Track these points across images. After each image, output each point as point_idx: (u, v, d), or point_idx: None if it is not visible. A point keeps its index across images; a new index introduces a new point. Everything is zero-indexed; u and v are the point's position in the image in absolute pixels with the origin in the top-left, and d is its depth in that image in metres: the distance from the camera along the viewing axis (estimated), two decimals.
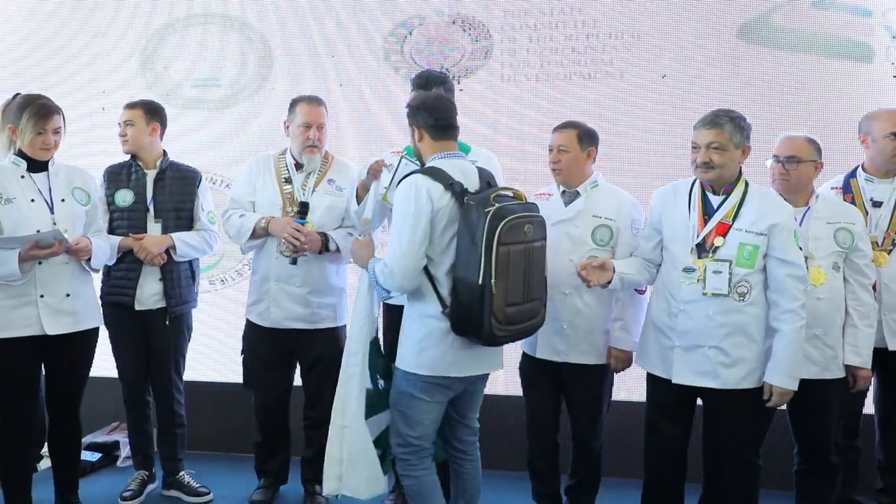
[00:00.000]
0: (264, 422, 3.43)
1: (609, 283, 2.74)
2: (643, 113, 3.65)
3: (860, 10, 3.45)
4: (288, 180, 3.27)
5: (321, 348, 3.30)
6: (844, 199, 2.99)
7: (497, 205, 2.44)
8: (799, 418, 2.87)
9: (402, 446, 2.64)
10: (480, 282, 2.40)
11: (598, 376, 2.96)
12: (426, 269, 2.53)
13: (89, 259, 3.01)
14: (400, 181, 2.59)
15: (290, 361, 3.40)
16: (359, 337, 2.70)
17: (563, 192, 3.00)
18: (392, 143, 3.77)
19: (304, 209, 3.15)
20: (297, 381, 3.46)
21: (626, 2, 3.67)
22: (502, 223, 2.40)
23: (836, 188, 3.06)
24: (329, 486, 2.71)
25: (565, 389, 3.00)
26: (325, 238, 3.19)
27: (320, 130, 3.24)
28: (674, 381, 2.67)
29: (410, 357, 2.59)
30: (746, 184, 2.67)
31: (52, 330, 2.92)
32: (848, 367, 2.79)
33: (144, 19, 4.20)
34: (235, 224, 3.24)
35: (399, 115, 3.85)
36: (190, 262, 3.45)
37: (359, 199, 3.02)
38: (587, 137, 2.95)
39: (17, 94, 3.01)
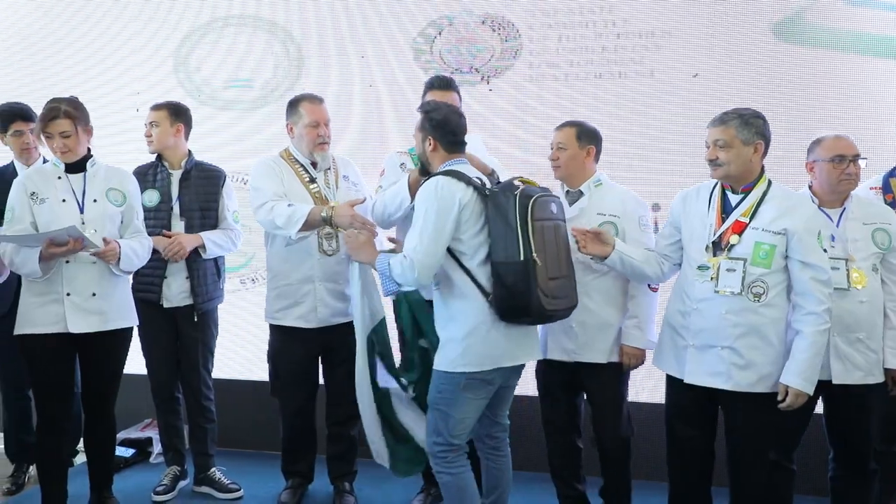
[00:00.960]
0: (295, 425, 3.42)
1: (606, 258, 2.77)
2: (674, 112, 3.60)
3: None
4: (312, 180, 3.28)
5: (353, 342, 3.32)
6: (885, 199, 2.94)
7: (521, 186, 2.58)
8: (837, 423, 2.83)
9: (441, 445, 2.66)
10: (523, 258, 2.49)
11: (613, 374, 2.94)
12: (460, 263, 2.58)
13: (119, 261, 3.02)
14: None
15: (317, 361, 3.41)
16: (361, 333, 2.87)
17: (567, 192, 3.01)
18: None
19: None
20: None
21: (656, 0, 3.63)
22: (531, 200, 2.54)
23: (876, 188, 3.00)
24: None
25: (584, 390, 3.00)
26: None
27: (328, 127, 3.26)
28: (686, 381, 2.65)
29: (454, 357, 2.61)
30: (769, 183, 2.63)
31: (75, 328, 2.96)
32: (888, 371, 2.73)
33: (177, 22, 4.25)
34: (284, 212, 3.07)
35: None
36: (215, 259, 3.50)
37: (412, 192, 2.91)
38: (586, 136, 2.96)
39: (71, 97, 3.07)
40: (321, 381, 3.46)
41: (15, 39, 4.48)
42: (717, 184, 2.70)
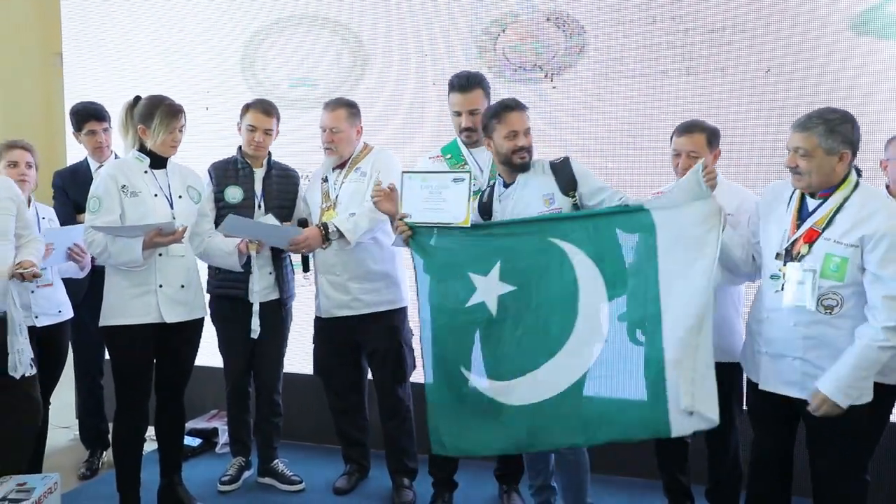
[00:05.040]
0: (336, 408, 3.59)
1: None
2: (744, 110, 3.49)
3: None
4: (325, 180, 3.44)
5: (378, 337, 3.39)
6: None
7: None
8: None
9: None
10: None
11: (727, 376, 2.84)
12: None
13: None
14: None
15: (357, 351, 3.52)
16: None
17: None
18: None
19: (303, 226, 3.37)
20: None
21: None
22: None
23: None
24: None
25: None
26: (324, 228, 3.27)
27: (332, 133, 3.37)
28: (760, 387, 2.58)
29: None
30: (855, 187, 2.45)
31: (169, 318, 3.07)
32: None
33: (244, 21, 4.34)
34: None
35: None
36: (289, 257, 3.57)
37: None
38: (715, 138, 2.92)
39: (138, 96, 3.13)
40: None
41: (89, 40, 4.64)
42: None
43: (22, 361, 2.91)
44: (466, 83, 3.11)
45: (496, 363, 2.75)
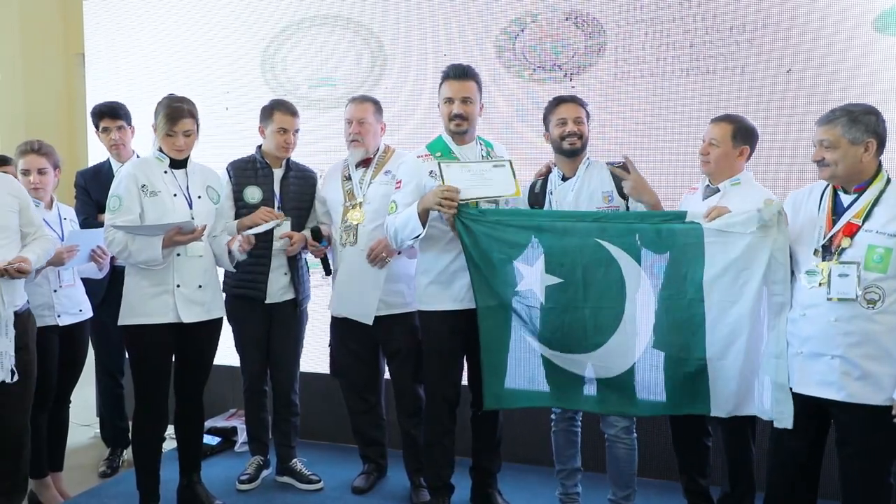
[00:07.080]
0: (354, 408, 3.59)
1: None
2: (766, 110, 3.46)
3: None
4: (348, 178, 3.43)
5: (400, 338, 3.38)
6: None
7: None
8: None
9: (629, 418, 2.96)
10: None
11: None
12: None
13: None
14: None
15: (374, 351, 3.52)
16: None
17: (707, 186, 2.93)
18: (506, 140, 3.75)
19: (315, 235, 3.39)
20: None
21: None
22: None
23: None
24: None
25: None
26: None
27: (361, 124, 3.39)
28: (794, 390, 2.54)
29: None
30: (888, 181, 2.46)
31: (186, 318, 3.08)
32: None
33: (265, 22, 4.35)
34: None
35: (511, 113, 3.85)
36: (305, 258, 3.58)
37: (423, 220, 2.96)
38: (742, 135, 2.86)
39: (171, 94, 3.14)
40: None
41: (111, 40, 4.68)
42: (828, 184, 2.56)
43: (3, 365, 2.74)
44: (463, 73, 3.09)
45: (550, 339, 2.87)
